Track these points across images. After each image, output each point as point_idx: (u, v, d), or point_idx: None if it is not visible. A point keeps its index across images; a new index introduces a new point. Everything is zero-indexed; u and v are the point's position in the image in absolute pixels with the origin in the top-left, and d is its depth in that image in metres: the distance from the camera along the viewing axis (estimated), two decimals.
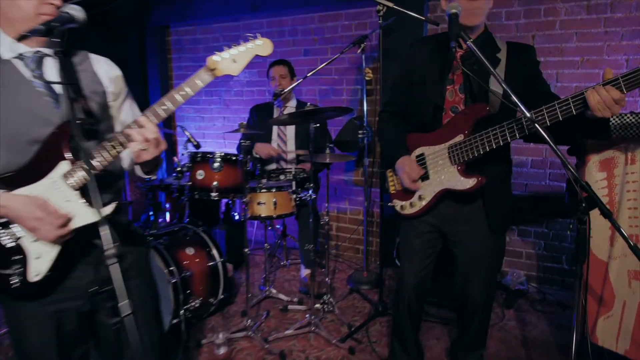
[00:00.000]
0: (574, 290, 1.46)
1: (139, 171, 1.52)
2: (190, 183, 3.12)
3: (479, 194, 1.94)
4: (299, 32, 4.25)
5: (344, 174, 4.28)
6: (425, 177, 1.98)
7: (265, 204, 3.05)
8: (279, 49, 4.36)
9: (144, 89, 5.14)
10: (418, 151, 2.01)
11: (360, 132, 3.41)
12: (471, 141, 1.82)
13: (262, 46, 1.41)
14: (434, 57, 1.96)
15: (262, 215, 3.06)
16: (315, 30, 4.17)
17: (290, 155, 3.61)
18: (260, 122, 3.67)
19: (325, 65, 3.32)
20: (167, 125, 5.15)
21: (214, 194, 3.03)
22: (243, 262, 3.56)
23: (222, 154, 3.06)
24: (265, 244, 3.31)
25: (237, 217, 3.19)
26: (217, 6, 4.48)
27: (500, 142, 1.74)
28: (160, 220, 3.75)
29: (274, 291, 3.41)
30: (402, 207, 2.09)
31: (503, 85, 1.54)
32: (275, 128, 3.66)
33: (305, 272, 3.54)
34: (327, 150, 3.14)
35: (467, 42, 1.58)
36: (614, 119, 1.98)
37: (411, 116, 2.08)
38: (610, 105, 1.48)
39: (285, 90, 3.36)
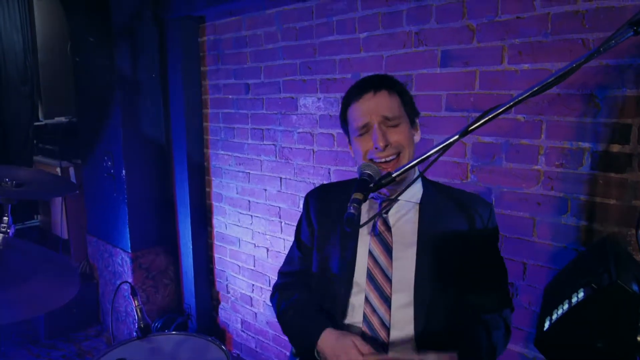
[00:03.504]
0: None
1: None
2: None
3: None
4: (432, 13, 1.92)
5: None
6: None
7: None
8: (385, 51, 2.07)
9: (165, 119, 3.20)
10: None
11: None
12: None
13: None
14: None
15: None
16: (470, 5, 1.81)
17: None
18: (326, 237, 1.42)
19: (528, 96, 0.99)
20: (199, 183, 3.15)
21: None
22: None
23: None
24: None
25: None
26: None
27: None
28: None
29: None
30: None
31: None
32: (362, 261, 1.36)
33: None
34: None
35: None
36: None
37: None
38: None
39: (405, 168, 1.10)
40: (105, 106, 3.07)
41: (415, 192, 1.35)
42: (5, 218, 1.42)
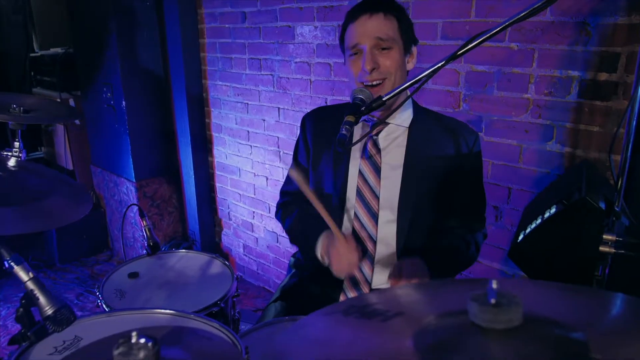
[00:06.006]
0: None
1: None
2: None
3: None
4: None
5: None
6: None
7: None
8: None
9: (163, 49, 3.18)
10: None
11: None
12: None
13: None
14: None
15: None
16: None
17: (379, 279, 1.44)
18: (320, 157, 1.51)
19: (517, 21, 1.03)
20: (199, 114, 3.19)
21: None
22: None
23: None
24: None
25: None
26: None
27: None
28: None
29: None
30: None
31: None
32: (353, 180, 1.46)
33: None
34: None
35: None
36: None
37: None
38: None
39: (395, 91, 1.15)
40: (102, 36, 3.05)
41: (405, 117, 1.42)
42: (16, 143, 1.50)
